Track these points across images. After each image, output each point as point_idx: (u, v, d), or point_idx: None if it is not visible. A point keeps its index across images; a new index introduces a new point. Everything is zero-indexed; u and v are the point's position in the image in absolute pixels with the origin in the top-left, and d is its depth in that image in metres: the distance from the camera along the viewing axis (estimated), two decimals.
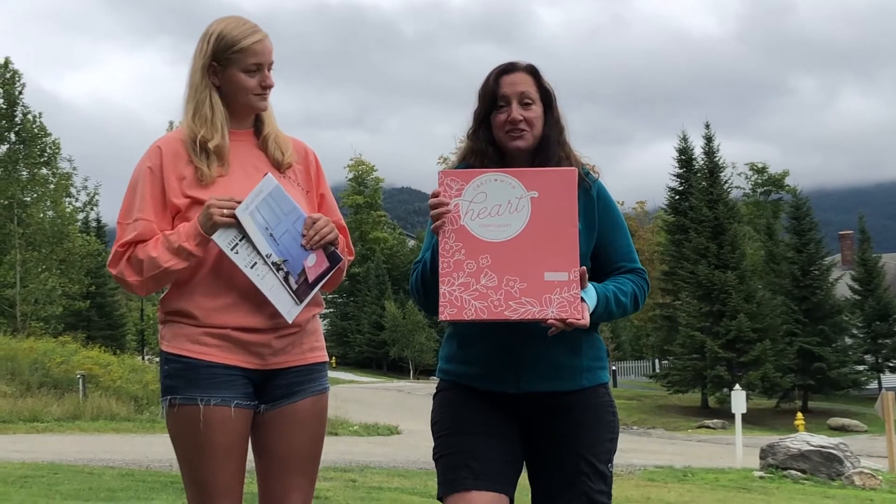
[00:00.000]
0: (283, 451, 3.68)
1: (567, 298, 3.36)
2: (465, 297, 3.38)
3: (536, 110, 3.65)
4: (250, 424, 3.65)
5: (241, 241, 3.51)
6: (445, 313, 3.39)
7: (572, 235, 3.39)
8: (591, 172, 3.73)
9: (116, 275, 3.62)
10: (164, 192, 3.60)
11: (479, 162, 3.69)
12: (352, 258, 3.87)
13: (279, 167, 3.72)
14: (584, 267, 3.43)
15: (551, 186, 3.41)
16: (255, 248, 3.52)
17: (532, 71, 3.70)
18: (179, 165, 3.62)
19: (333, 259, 3.64)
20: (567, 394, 3.61)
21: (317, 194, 3.84)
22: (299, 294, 3.56)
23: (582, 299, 3.42)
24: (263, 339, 3.57)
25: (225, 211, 3.48)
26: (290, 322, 3.55)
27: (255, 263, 3.52)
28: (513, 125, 3.63)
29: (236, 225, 3.49)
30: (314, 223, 3.59)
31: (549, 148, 3.65)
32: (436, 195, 3.46)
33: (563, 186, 3.41)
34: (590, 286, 3.49)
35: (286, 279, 3.54)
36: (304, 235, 3.58)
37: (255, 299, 3.52)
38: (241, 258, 3.51)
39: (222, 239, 3.49)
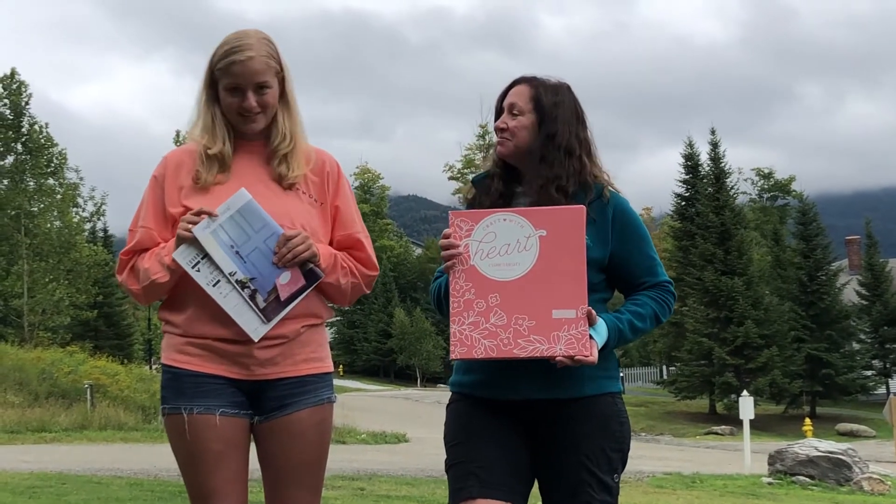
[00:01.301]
0: (282, 464, 3.66)
1: (575, 335, 3.38)
2: (474, 335, 3.42)
3: (522, 121, 3.69)
4: (246, 433, 3.65)
5: (203, 258, 3.47)
6: (456, 352, 3.45)
7: (580, 273, 3.41)
8: (610, 188, 3.72)
9: (121, 282, 3.67)
10: (164, 201, 3.62)
11: (492, 167, 3.81)
12: (375, 273, 3.82)
13: (280, 182, 3.67)
14: (591, 308, 3.43)
15: (559, 225, 3.44)
16: (217, 265, 3.47)
17: (533, 83, 3.74)
18: (181, 175, 3.63)
19: (311, 277, 3.55)
20: (569, 402, 3.60)
21: (331, 206, 3.77)
22: (267, 313, 3.48)
23: (590, 336, 3.43)
24: (244, 350, 3.54)
25: (190, 226, 3.46)
26: (256, 340, 3.50)
27: (218, 281, 3.47)
28: (498, 133, 3.72)
29: (206, 241, 3.46)
30: (288, 240, 3.51)
31: (530, 163, 3.69)
32: (447, 236, 3.51)
33: (570, 225, 3.43)
34: (600, 321, 3.50)
35: (252, 297, 3.47)
36: (275, 253, 3.51)
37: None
38: (203, 276, 3.47)
39: (182, 257, 3.46)
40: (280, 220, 3.55)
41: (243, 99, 3.59)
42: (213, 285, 3.47)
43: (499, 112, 3.77)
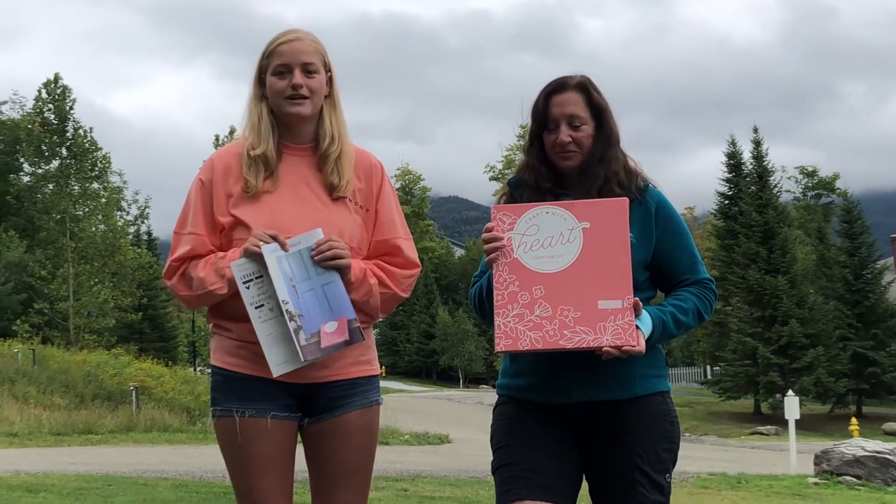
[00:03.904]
0: (330, 466, 3.66)
1: (622, 326, 3.36)
2: (519, 328, 3.40)
3: (587, 130, 3.65)
4: (294, 436, 3.66)
5: (256, 278, 3.44)
6: (501, 345, 3.43)
7: (625, 264, 3.40)
8: (650, 184, 3.70)
9: (170, 287, 3.65)
10: (212, 207, 3.60)
11: (532, 177, 3.73)
12: (413, 271, 3.77)
13: (332, 192, 3.65)
14: (637, 298, 3.41)
15: (603, 217, 3.43)
16: (269, 290, 3.44)
17: (583, 88, 3.68)
18: (229, 182, 3.61)
19: (354, 335, 3.51)
20: (620, 403, 3.58)
21: (372, 210, 3.73)
22: (306, 352, 3.44)
23: (637, 326, 3.41)
24: None
25: (260, 244, 3.43)
26: (275, 376, 3.45)
27: (262, 305, 3.44)
28: (562, 148, 3.64)
29: (260, 261, 3.44)
30: (331, 240, 3.49)
31: (592, 166, 3.65)
32: (489, 230, 3.49)
33: (614, 216, 3.42)
34: (644, 312, 3.48)
35: (297, 332, 3.42)
36: (312, 249, 3.47)
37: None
38: (250, 294, 3.44)
39: (239, 270, 3.44)
40: (330, 231, 3.53)
41: (291, 78, 3.59)
42: (256, 307, 3.45)
43: (543, 120, 3.69)
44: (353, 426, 3.65)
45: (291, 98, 3.61)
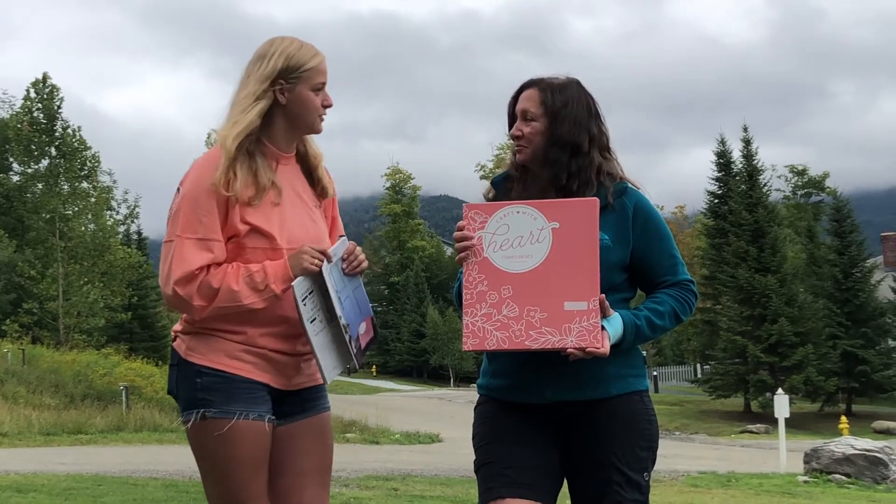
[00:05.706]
0: (306, 465, 3.76)
1: (586, 327, 3.38)
2: (487, 327, 3.44)
3: (535, 126, 3.66)
4: None
5: (310, 294, 3.52)
6: (468, 344, 3.48)
7: (592, 265, 3.42)
8: (630, 185, 3.70)
9: (184, 296, 3.49)
10: (227, 214, 3.55)
11: (511, 171, 3.81)
12: None
13: (320, 201, 3.85)
14: (603, 295, 3.43)
15: (572, 217, 3.44)
16: (322, 304, 3.56)
17: (544, 87, 3.69)
18: (240, 188, 3.58)
19: (377, 332, 3.80)
20: (595, 402, 3.60)
21: (330, 217, 3.94)
22: (358, 359, 3.67)
23: (603, 328, 3.43)
24: (293, 362, 3.67)
25: (317, 261, 3.52)
26: (327, 382, 3.67)
27: (315, 319, 3.54)
28: (515, 140, 3.71)
29: (315, 278, 3.53)
30: (355, 248, 3.69)
31: (535, 164, 3.68)
32: (460, 229, 3.53)
33: (583, 217, 3.44)
34: (615, 315, 3.50)
35: (350, 342, 3.61)
36: (344, 259, 3.64)
37: (295, 328, 3.57)
38: (307, 310, 3.51)
39: (300, 288, 3.49)
40: (319, 238, 3.69)
41: (325, 96, 3.71)
42: (311, 321, 3.53)
43: (512, 117, 3.76)
44: (324, 427, 3.82)
45: (322, 115, 3.73)
